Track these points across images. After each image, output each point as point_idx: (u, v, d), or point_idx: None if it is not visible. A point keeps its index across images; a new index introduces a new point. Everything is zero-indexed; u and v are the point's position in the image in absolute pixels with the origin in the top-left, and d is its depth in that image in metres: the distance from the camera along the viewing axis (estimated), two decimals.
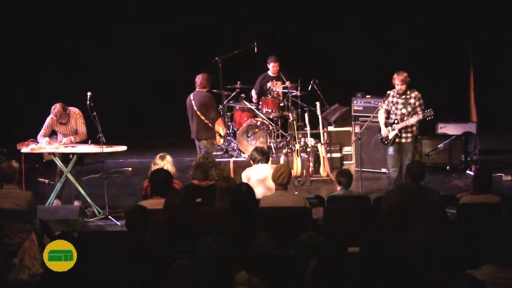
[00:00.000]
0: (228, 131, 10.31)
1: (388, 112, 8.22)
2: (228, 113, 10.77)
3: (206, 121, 8.74)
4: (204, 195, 6.08)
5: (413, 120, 7.91)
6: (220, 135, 9.25)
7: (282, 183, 5.88)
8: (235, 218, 4.94)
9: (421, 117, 7.86)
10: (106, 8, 12.31)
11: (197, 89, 8.84)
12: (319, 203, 6.52)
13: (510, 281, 3.60)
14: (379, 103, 8.37)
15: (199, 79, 8.80)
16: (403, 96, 8.00)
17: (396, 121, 8.04)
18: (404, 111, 8.02)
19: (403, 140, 8.07)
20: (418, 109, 7.95)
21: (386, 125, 8.14)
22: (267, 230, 4.66)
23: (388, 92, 8.19)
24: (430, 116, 7.85)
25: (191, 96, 8.84)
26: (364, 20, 12.50)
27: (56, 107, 7.96)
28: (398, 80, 7.95)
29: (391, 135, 8.08)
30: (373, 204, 6.37)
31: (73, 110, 8.15)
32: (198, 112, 8.71)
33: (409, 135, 8.06)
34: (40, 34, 12.04)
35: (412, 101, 7.98)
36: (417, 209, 5.57)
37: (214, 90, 9.86)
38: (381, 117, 8.24)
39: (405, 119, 7.98)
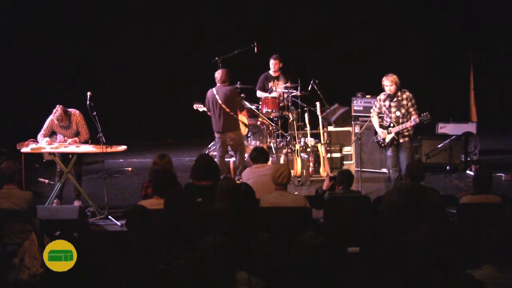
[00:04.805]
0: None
1: (380, 115, 8.23)
2: None
3: (231, 113, 8.79)
4: (204, 195, 6.07)
5: (410, 124, 7.90)
6: (245, 124, 9.35)
7: (282, 183, 5.89)
8: (235, 218, 4.94)
9: (418, 120, 7.85)
10: (106, 8, 12.30)
11: (218, 84, 8.84)
12: (319, 204, 6.51)
13: (509, 282, 3.60)
14: (372, 108, 8.37)
15: (220, 74, 8.84)
16: (395, 99, 7.99)
17: (392, 124, 8.02)
18: (398, 113, 8.00)
19: (401, 140, 8.06)
20: (411, 109, 7.95)
21: (382, 127, 8.14)
22: (267, 230, 4.66)
23: (378, 97, 8.21)
24: (427, 120, 7.85)
25: (214, 91, 8.82)
26: (364, 20, 12.50)
27: (58, 111, 7.91)
28: (387, 81, 7.95)
29: (388, 138, 8.07)
30: (373, 204, 6.37)
31: (74, 112, 8.13)
32: (223, 106, 8.74)
33: (406, 133, 8.06)
34: (40, 33, 12.04)
35: (404, 102, 7.97)
36: (417, 209, 5.57)
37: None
38: (375, 120, 8.24)
39: (400, 121, 7.98)
